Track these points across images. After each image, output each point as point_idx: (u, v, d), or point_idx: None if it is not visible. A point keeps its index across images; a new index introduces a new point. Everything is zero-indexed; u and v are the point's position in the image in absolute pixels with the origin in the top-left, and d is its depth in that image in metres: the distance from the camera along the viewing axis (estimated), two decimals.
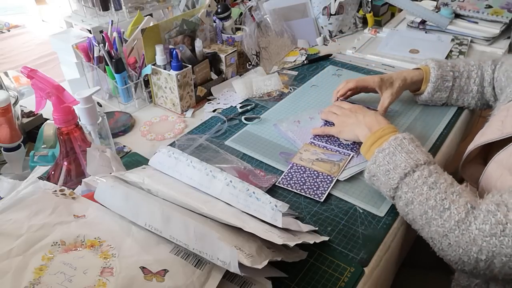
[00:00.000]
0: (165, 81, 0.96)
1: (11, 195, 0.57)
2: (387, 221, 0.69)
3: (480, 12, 1.34)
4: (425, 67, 0.94)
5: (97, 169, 0.66)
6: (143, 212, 0.54)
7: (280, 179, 0.77)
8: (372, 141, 0.73)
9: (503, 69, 0.89)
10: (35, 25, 1.80)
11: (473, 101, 0.95)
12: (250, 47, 1.15)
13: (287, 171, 0.79)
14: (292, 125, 0.91)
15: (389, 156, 0.67)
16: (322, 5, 1.34)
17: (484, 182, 0.70)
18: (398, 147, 0.67)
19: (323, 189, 0.75)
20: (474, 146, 0.73)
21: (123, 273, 0.48)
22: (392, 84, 0.91)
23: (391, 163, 0.66)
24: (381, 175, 0.68)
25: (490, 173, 0.69)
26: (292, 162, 0.81)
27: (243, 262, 0.47)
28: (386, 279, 0.70)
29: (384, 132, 0.73)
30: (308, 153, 0.83)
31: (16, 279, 0.46)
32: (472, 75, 0.92)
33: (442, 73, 0.91)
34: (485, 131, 0.74)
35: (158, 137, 0.92)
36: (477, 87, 0.92)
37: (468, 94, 0.94)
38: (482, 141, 0.71)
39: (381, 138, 0.72)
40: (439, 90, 0.93)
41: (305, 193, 0.74)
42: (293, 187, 0.75)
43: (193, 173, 0.68)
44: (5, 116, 0.77)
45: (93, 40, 0.96)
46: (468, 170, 0.77)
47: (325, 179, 0.77)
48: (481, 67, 0.93)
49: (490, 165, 0.69)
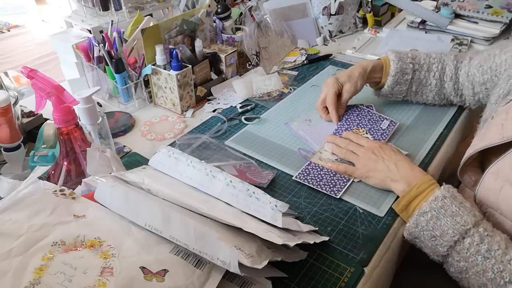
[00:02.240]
0: (165, 81, 0.96)
1: (11, 195, 0.57)
2: (387, 221, 0.69)
3: (480, 12, 1.34)
4: (385, 58, 0.92)
5: (97, 169, 0.66)
6: (143, 212, 0.54)
7: (297, 174, 0.78)
8: (409, 200, 0.67)
9: (476, 64, 0.87)
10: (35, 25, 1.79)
11: (431, 95, 0.94)
12: (250, 47, 1.15)
13: (305, 167, 0.79)
14: (303, 124, 0.91)
15: (432, 221, 0.62)
16: (322, 5, 1.34)
17: (482, 194, 0.68)
18: (441, 210, 0.62)
19: (339, 187, 0.75)
20: (474, 150, 0.70)
21: (123, 273, 0.48)
22: (350, 77, 0.89)
23: (436, 229, 0.62)
24: (425, 240, 0.64)
25: (488, 185, 0.67)
26: (310, 161, 0.81)
27: (243, 262, 0.47)
28: (386, 279, 0.70)
29: (420, 189, 0.67)
30: (327, 153, 0.83)
31: (16, 279, 0.46)
32: (433, 68, 0.91)
33: (402, 66, 0.90)
34: (484, 134, 0.72)
35: (158, 137, 0.92)
36: (436, 81, 0.91)
37: (427, 87, 0.93)
38: (481, 145, 0.69)
39: (418, 196, 0.66)
40: (399, 83, 0.91)
41: (321, 189, 0.75)
42: (310, 182, 0.76)
43: (193, 173, 0.68)
44: (5, 116, 0.77)
45: (93, 40, 0.96)
46: (464, 174, 0.75)
47: (342, 178, 0.77)
48: (443, 60, 0.91)
49: (486, 176, 0.68)
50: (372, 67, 0.91)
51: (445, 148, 0.88)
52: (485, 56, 0.86)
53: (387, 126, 0.89)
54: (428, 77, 0.91)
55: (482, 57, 0.86)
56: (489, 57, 0.85)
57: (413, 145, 0.87)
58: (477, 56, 0.89)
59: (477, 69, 0.86)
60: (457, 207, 0.62)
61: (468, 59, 0.90)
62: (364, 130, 0.88)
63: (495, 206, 0.66)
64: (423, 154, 0.84)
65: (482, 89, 0.87)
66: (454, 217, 0.62)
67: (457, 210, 0.62)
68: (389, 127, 0.89)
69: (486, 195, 0.68)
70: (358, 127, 0.89)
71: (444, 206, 0.63)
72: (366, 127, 0.89)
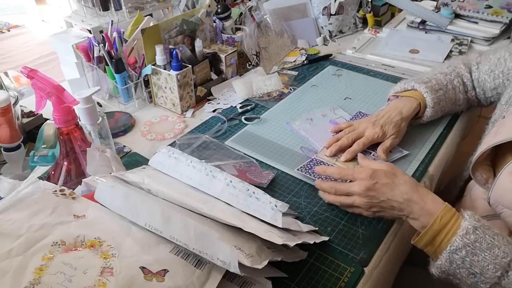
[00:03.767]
0: (165, 81, 0.96)
1: (11, 195, 0.57)
2: (387, 221, 0.69)
3: (480, 12, 1.34)
4: (416, 93, 0.87)
5: (97, 169, 0.66)
6: (143, 212, 0.54)
7: (300, 167, 0.78)
8: (433, 235, 0.61)
9: (486, 69, 0.87)
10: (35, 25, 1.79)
11: (460, 108, 0.94)
12: (250, 47, 1.15)
13: (308, 162, 0.79)
14: (304, 123, 0.91)
15: (469, 257, 0.57)
16: (322, 5, 1.34)
17: (497, 193, 0.66)
18: (476, 244, 0.57)
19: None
20: (488, 146, 0.67)
21: (123, 273, 0.48)
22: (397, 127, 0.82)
23: (474, 265, 0.57)
24: (463, 278, 0.59)
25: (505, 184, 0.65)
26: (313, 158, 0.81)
27: (243, 262, 0.47)
28: (386, 279, 0.70)
29: (444, 221, 0.60)
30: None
31: (16, 279, 0.46)
32: (454, 83, 0.90)
33: (436, 95, 0.86)
34: (498, 132, 0.69)
35: (158, 137, 0.92)
36: (462, 95, 0.90)
37: (456, 103, 0.92)
38: (496, 141, 0.66)
39: (443, 229, 0.60)
40: (436, 112, 0.89)
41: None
42: (312, 175, 0.76)
43: (193, 173, 0.68)
44: (5, 116, 0.77)
45: (93, 40, 0.96)
46: (476, 172, 0.73)
47: None
48: (457, 73, 0.91)
49: (502, 175, 0.66)
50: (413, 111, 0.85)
51: (445, 148, 0.88)
52: (494, 61, 0.86)
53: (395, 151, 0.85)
54: (455, 94, 0.90)
55: (492, 63, 0.87)
56: (499, 62, 0.85)
57: (413, 145, 0.87)
58: (485, 61, 0.89)
59: (488, 74, 0.87)
60: (491, 237, 0.58)
61: (476, 65, 0.90)
62: None
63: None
64: (423, 154, 0.84)
65: (493, 94, 0.88)
66: (492, 249, 0.57)
67: (492, 240, 0.57)
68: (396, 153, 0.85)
69: (502, 195, 0.66)
70: None
71: (478, 239, 0.57)
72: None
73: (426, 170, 0.81)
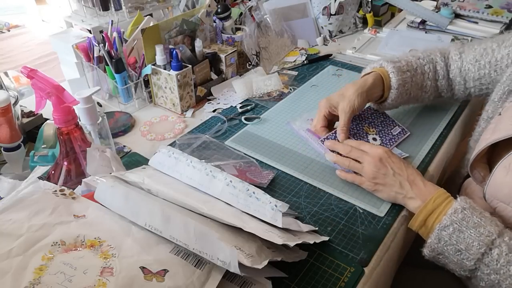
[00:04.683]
0: (165, 81, 0.96)
1: (11, 195, 0.57)
2: (387, 221, 0.69)
3: (480, 12, 1.34)
4: (382, 70, 0.85)
5: (97, 169, 0.66)
6: (143, 212, 0.54)
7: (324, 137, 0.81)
8: (426, 215, 0.65)
9: (471, 59, 0.85)
10: (35, 25, 1.79)
11: (427, 96, 0.91)
12: (250, 47, 1.15)
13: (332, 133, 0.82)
14: (305, 123, 0.91)
15: (455, 234, 0.61)
16: (322, 5, 1.34)
17: (492, 188, 0.67)
18: (463, 222, 0.61)
19: None
20: (486, 144, 0.68)
21: (123, 273, 0.48)
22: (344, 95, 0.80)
23: (460, 242, 0.60)
24: (450, 255, 0.62)
25: (500, 178, 0.66)
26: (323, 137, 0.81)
27: (243, 262, 0.47)
28: (386, 279, 0.70)
29: (437, 203, 0.65)
30: None
31: (16, 279, 0.46)
32: (425, 69, 0.87)
33: (402, 76, 0.85)
34: (495, 129, 0.70)
35: (158, 137, 0.92)
36: (430, 82, 0.88)
37: (423, 90, 0.90)
38: (495, 138, 0.67)
39: (436, 210, 0.64)
40: (401, 94, 0.87)
41: None
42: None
43: (193, 173, 0.68)
44: (5, 116, 0.77)
45: (93, 40, 0.96)
46: (474, 170, 0.74)
47: None
48: (431, 59, 0.88)
49: (497, 169, 0.66)
50: (372, 83, 0.83)
51: (445, 148, 0.88)
52: (480, 51, 0.84)
53: (397, 132, 0.88)
54: (423, 80, 0.88)
55: (477, 52, 0.84)
56: (485, 52, 0.83)
57: (413, 145, 0.87)
58: (469, 50, 0.86)
59: (473, 64, 0.84)
60: (478, 217, 0.61)
61: (459, 54, 0.87)
62: (375, 131, 0.86)
63: (507, 200, 0.65)
64: (423, 154, 0.84)
65: (475, 84, 0.86)
66: (477, 228, 0.60)
67: (479, 220, 0.61)
68: (399, 134, 0.88)
69: (497, 189, 0.67)
70: (370, 126, 0.87)
71: (465, 218, 0.61)
72: (377, 128, 0.87)
73: (426, 170, 0.81)
